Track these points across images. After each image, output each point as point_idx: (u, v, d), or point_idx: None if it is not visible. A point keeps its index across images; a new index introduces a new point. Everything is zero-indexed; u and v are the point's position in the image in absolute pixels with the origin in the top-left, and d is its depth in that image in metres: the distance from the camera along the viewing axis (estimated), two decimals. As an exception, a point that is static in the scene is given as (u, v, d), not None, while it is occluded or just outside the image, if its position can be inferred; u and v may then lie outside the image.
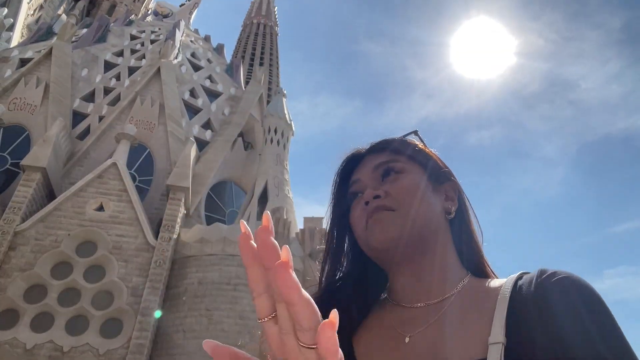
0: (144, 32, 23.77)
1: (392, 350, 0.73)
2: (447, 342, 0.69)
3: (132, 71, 20.16)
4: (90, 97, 18.69)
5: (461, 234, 0.84)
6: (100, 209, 13.40)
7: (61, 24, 22.25)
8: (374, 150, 0.88)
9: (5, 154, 15.96)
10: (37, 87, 17.34)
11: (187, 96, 19.77)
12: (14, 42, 24.56)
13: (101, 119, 17.74)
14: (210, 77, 21.88)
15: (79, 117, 17.79)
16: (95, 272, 12.49)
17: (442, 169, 0.87)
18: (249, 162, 18.86)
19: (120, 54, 21.18)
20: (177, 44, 21.73)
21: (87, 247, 12.81)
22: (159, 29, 24.57)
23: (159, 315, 12.22)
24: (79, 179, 14.22)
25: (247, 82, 23.67)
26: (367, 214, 0.79)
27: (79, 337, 11.62)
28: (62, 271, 12.32)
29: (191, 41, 24.73)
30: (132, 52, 21.55)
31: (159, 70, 19.15)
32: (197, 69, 22.00)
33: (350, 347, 0.76)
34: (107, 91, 19.07)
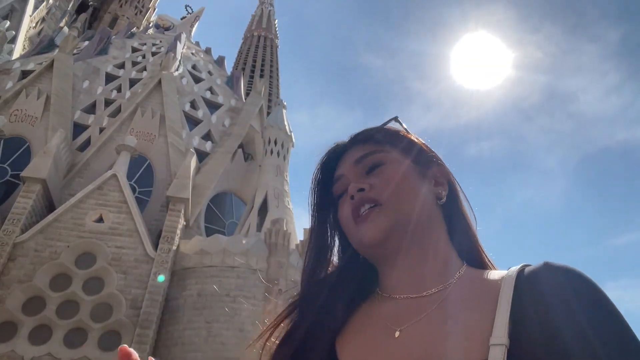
0: (145, 44, 23.94)
1: (380, 346, 0.68)
2: (441, 339, 0.64)
3: (133, 83, 20.26)
4: (91, 109, 18.76)
5: (454, 220, 0.79)
6: (99, 220, 13.37)
7: (63, 36, 22.40)
8: (355, 142, 0.84)
9: (5, 166, 15.97)
10: (38, 99, 17.41)
11: (187, 108, 19.84)
12: (16, 54, 24.71)
13: (102, 130, 17.79)
14: (210, 89, 21.99)
15: (79, 128, 17.84)
16: (94, 284, 12.42)
17: (428, 154, 0.83)
18: (249, 174, 18.87)
19: (121, 66, 21.31)
20: (178, 56, 21.88)
21: (86, 259, 12.76)
22: (160, 42, 24.75)
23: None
24: (79, 191, 14.21)
25: (247, 94, 23.78)
26: (354, 209, 0.75)
27: (77, 349, 11.52)
28: (61, 283, 12.26)
29: (192, 53, 24.90)
30: (134, 64, 21.68)
31: (159, 82, 19.25)
32: (197, 80, 22.11)
33: (332, 349, 0.71)
34: (108, 103, 19.15)
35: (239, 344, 11.81)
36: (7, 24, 24.44)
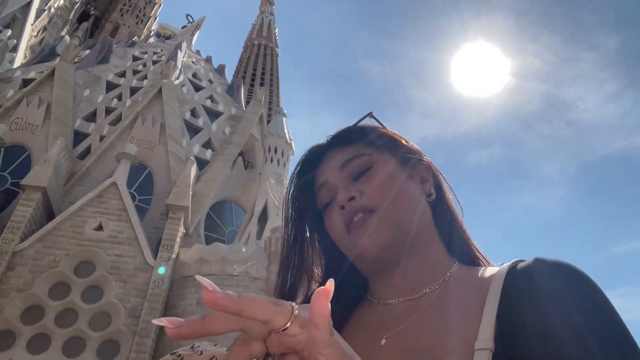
0: (146, 53, 24.05)
1: (366, 355, 0.64)
2: (426, 345, 0.61)
3: (133, 91, 20.33)
4: (91, 117, 18.80)
5: (441, 215, 0.75)
6: (99, 228, 13.35)
7: (64, 45, 22.51)
8: (334, 144, 0.78)
9: (5, 174, 15.98)
10: (39, 107, 17.45)
11: (188, 116, 19.88)
12: (17, 62, 24.82)
13: (102, 138, 17.81)
14: (211, 97, 22.05)
15: (80, 136, 17.86)
16: (93, 293, 12.37)
17: (411, 151, 0.79)
18: (249, 182, 18.86)
19: (122, 74, 21.38)
20: (178, 65, 21.96)
21: (85, 267, 12.71)
22: (161, 50, 24.87)
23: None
24: (79, 199, 14.19)
25: (247, 102, 23.84)
26: (346, 219, 0.71)
27: (76, 358, 11.44)
28: (60, 292, 12.20)
29: (193, 62, 25.00)
30: (134, 72, 21.76)
31: (160, 90, 19.31)
32: (198, 89, 22.19)
33: None
34: (109, 111, 19.19)
35: (238, 353, 11.72)
36: (9, 32, 24.57)
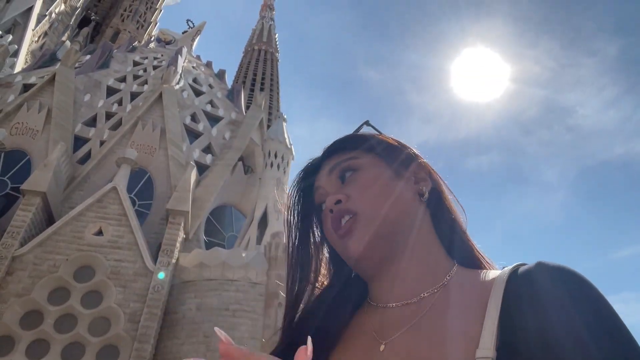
0: (146, 58, 24.11)
1: None
2: (426, 352, 0.60)
3: (134, 96, 20.36)
4: (92, 122, 18.82)
5: (439, 216, 0.75)
6: (99, 233, 13.33)
7: (65, 50, 22.57)
8: (329, 153, 0.82)
9: (5, 179, 15.98)
10: (39, 112, 17.47)
11: (188, 121, 19.91)
12: (18, 67, 24.88)
13: (102, 143, 17.83)
14: (211, 102, 22.08)
15: (80, 141, 17.88)
16: (92, 298, 12.33)
17: (403, 152, 0.79)
18: (249, 186, 18.85)
19: (122, 79, 21.43)
20: (179, 70, 22.01)
21: (85, 272, 12.68)
22: (162, 56, 24.93)
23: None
24: (79, 204, 14.18)
25: (247, 107, 23.87)
26: (333, 222, 0.72)
27: (75, 364, 11.40)
28: (59, 297, 12.17)
29: (193, 67, 25.06)
30: (135, 77, 21.80)
31: (160, 95, 19.34)
32: (198, 94, 22.22)
33: None
34: (109, 116, 19.22)
35: (238, 358, 11.66)
36: (10, 37, 24.65)
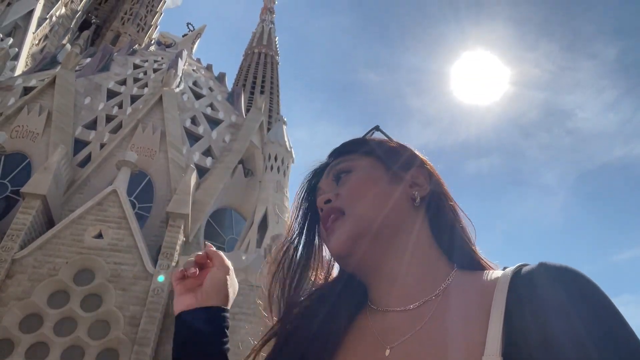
0: (147, 61, 24.14)
1: None
2: (433, 358, 0.60)
3: (134, 99, 20.37)
4: (92, 125, 18.83)
5: (438, 220, 0.75)
6: (99, 236, 13.32)
7: (65, 53, 22.61)
8: (333, 156, 0.84)
9: (5, 182, 15.97)
10: (39, 115, 17.49)
11: (188, 124, 19.92)
12: (18, 71, 24.93)
13: (102, 146, 17.83)
14: (211, 105, 22.10)
15: (80, 144, 17.88)
16: (92, 301, 12.31)
17: (403, 156, 0.80)
18: (249, 189, 18.84)
19: (123, 82, 21.45)
20: (179, 73, 22.04)
21: (85, 275, 12.66)
22: (162, 59, 24.96)
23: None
24: (79, 206, 14.17)
25: (247, 110, 23.89)
26: (322, 220, 0.75)
27: (74, 367, 11.37)
28: (59, 300, 12.15)
29: (193, 70, 25.09)
30: (135, 80, 21.83)
31: (161, 98, 19.35)
32: (198, 97, 22.24)
33: None
34: (109, 119, 19.23)
35: (238, 362, 11.65)
36: (10, 41, 24.70)
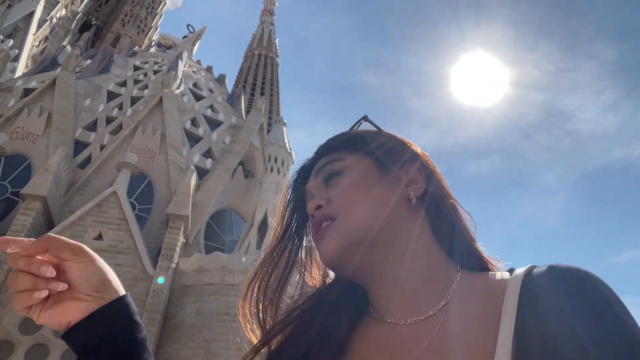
0: (147, 63, 24.16)
1: None
2: None
3: (134, 101, 20.38)
4: (92, 127, 18.83)
5: (438, 219, 0.70)
6: (99, 237, 13.32)
7: (66, 55, 22.63)
8: (320, 153, 0.77)
9: (5, 183, 15.97)
10: (40, 116, 17.49)
11: (188, 125, 19.92)
12: (19, 72, 24.94)
13: (102, 148, 17.84)
14: (211, 107, 22.11)
15: (80, 146, 17.89)
16: (92, 302, 12.30)
17: (395, 151, 0.73)
18: (249, 191, 18.84)
19: (123, 84, 21.46)
20: (179, 75, 22.05)
21: (84, 277, 12.65)
22: (162, 60, 24.98)
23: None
24: (79, 208, 14.18)
25: (247, 112, 23.91)
26: (314, 228, 0.69)
27: (74, 369, 11.36)
28: (58, 301, 12.14)
29: (193, 72, 25.10)
30: (135, 82, 21.84)
31: (161, 100, 19.37)
32: (198, 98, 22.25)
33: None
34: (110, 120, 19.24)
35: (238, 363, 11.62)
36: (11, 42, 24.72)
